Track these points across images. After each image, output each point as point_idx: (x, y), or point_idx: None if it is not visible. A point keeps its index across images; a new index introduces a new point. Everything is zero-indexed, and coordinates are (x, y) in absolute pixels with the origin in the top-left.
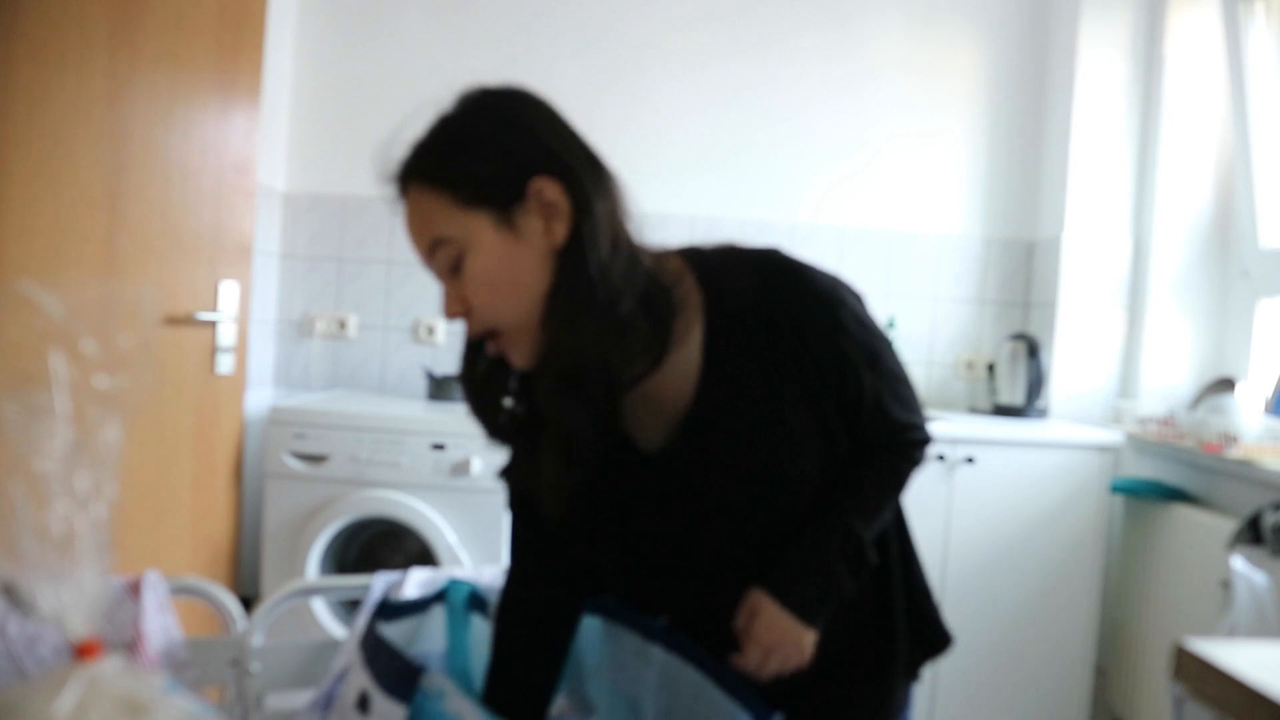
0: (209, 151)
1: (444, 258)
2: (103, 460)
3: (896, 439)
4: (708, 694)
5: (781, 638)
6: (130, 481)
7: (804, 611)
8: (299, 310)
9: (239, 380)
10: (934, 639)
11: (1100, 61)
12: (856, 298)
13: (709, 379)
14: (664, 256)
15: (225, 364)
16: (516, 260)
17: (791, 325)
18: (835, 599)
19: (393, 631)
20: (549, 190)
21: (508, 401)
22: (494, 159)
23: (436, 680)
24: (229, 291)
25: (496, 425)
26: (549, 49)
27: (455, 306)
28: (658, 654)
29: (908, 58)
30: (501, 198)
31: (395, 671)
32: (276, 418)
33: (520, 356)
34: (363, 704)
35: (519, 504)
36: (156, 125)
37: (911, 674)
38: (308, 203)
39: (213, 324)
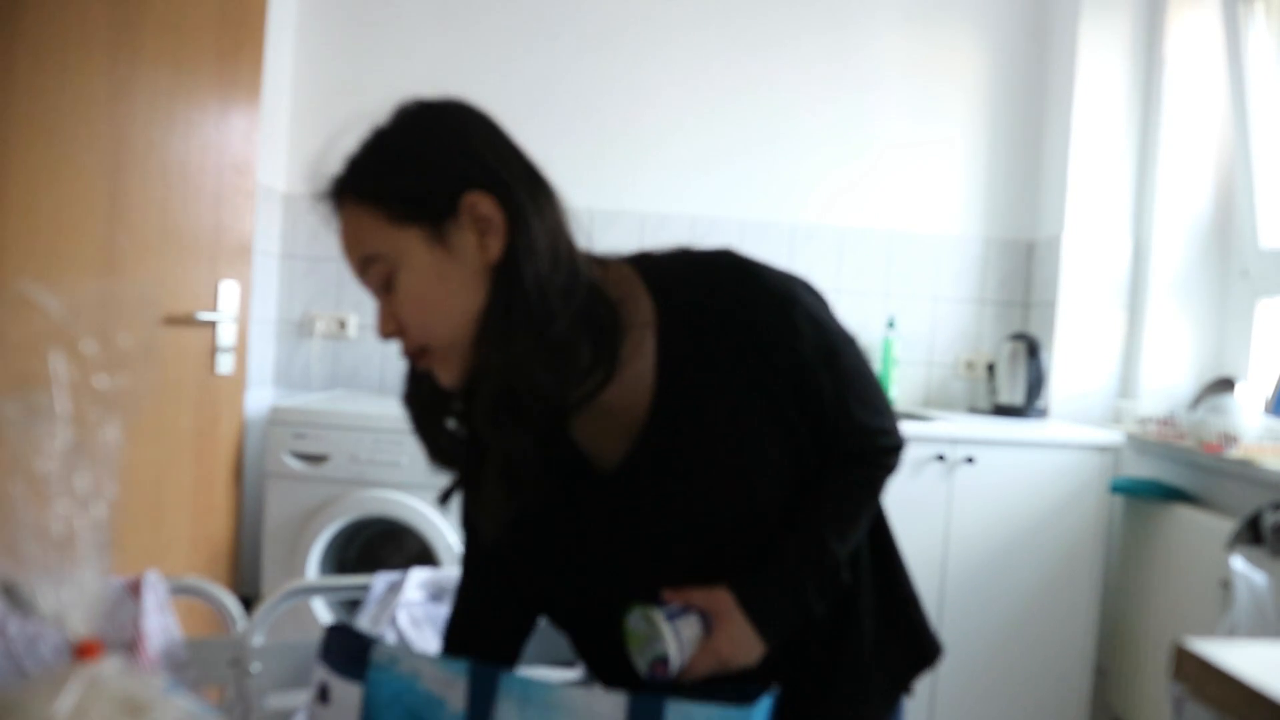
0: (209, 151)
1: (376, 275)
2: (103, 460)
3: (865, 445)
4: (681, 710)
5: (740, 652)
6: (130, 481)
7: (767, 629)
8: (299, 310)
9: (239, 380)
10: (923, 650)
11: (1100, 61)
12: (813, 295)
13: (664, 390)
14: (613, 266)
15: (225, 364)
16: (447, 277)
17: (745, 328)
18: (800, 621)
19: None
20: (483, 205)
21: (451, 424)
22: (426, 174)
23: (385, 650)
24: (229, 291)
25: (439, 448)
26: (550, 50)
27: (389, 325)
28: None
29: (908, 59)
30: (433, 214)
31: (346, 653)
32: (276, 418)
33: (448, 375)
34: (323, 695)
35: (468, 525)
36: (156, 125)
37: (901, 687)
38: (308, 203)
39: (213, 324)
